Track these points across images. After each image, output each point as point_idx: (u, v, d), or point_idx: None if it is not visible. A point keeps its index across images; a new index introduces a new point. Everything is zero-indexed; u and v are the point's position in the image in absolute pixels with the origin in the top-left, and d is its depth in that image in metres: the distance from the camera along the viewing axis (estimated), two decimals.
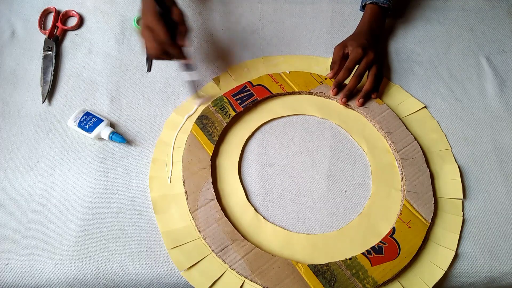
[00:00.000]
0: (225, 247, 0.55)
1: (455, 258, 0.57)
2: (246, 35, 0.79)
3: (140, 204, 0.60)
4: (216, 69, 0.74)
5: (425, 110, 0.71)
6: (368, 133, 0.68)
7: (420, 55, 0.78)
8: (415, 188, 0.61)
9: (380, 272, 0.54)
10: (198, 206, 0.58)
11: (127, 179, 0.62)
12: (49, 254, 0.55)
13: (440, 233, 0.59)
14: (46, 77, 0.70)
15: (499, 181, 0.64)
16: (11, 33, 0.76)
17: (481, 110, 0.72)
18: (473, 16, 0.85)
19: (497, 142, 0.68)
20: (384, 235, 0.58)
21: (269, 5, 0.84)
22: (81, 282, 0.54)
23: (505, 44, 0.81)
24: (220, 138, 0.65)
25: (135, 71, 0.73)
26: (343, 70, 0.69)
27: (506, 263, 0.58)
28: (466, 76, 0.76)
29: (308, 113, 0.69)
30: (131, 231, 0.58)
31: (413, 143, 0.65)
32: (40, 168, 0.62)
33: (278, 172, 0.64)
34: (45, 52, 0.73)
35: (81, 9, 0.79)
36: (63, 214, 0.58)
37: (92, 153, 0.64)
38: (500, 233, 0.60)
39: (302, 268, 0.54)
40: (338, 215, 0.60)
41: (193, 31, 0.77)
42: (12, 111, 0.67)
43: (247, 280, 0.54)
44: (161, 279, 0.55)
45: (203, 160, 0.62)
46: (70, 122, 0.65)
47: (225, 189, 0.61)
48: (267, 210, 0.60)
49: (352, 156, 0.66)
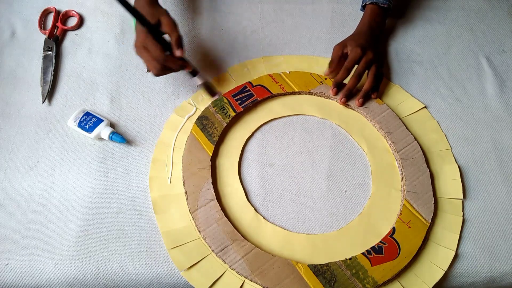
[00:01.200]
0: (225, 247, 0.55)
1: (455, 258, 0.57)
2: (246, 35, 0.79)
3: (140, 204, 0.60)
4: (216, 69, 0.74)
5: (425, 110, 0.71)
6: (368, 133, 0.68)
7: (420, 55, 0.78)
8: (415, 188, 0.61)
9: (380, 272, 0.54)
10: (198, 206, 0.58)
11: (127, 179, 0.62)
12: (49, 254, 0.55)
13: (440, 233, 0.59)
14: (46, 77, 0.70)
15: (499, 181, 0.64)
16: (11, 33, 0.76)
17: (481, 110, 0.72)
18: (473, 16, 0.85)
19: (497, 142, 0.68)
20: (384, 235, 0.58)
21: (269, 5, 0.84)
22: (81, 282, 0.54)
23: (505, 44, 0.81)
24: (220, 139, 0.65)
25: (135, 71, 0.73)
26: (342, 70, 0.69)
27: (506, 263, 0.58)
28: (466, 76, 0.76)
29: (308, 113, 0.69)
30: (131, 231, 0.58)
31: (413, 143, 0.65)
32: (40, 168, 0.62)
33: (278, 172, 0.64)
34: (45, 52, 0.73)
35: (81, 9, 0.79)
36: (63, 214, 0.58)
37: (92, 153, 0.64)
38: (500, 233, 0.60)
39: (302, 268, 0.54)
40: (338, 215, 0.60)
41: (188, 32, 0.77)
42: (12, 111, 0.67)
43: (247, 280, 0.54)
44: (161, 279, 0.55)
45: (203, 161, 0.62)
46: (70, 122, 0.65)
47: (225, 190, 0.61)
48: (267, 210, 0.60)
49: (352, 156, 0.66)
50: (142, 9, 0.61)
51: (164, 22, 0.61)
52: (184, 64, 0.63)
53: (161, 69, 0.61)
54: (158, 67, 0.61)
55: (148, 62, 0.61)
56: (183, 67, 0.63)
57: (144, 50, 0.60)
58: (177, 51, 0.60)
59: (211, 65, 0.74)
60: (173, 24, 0.61)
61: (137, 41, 0.62)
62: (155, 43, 0.60)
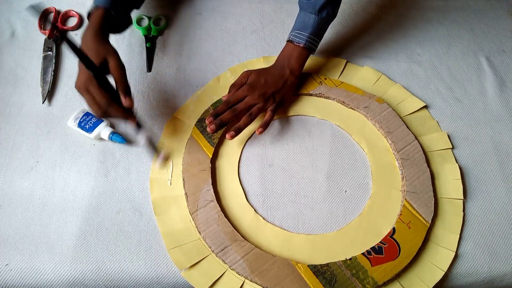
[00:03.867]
0: (225, 248, 0.55)
1: (455, 258, 0.57)
2: (246, 35, 0.79)
3: (140, 204, 0.60)
4: (216, 69, 0.74)
5: (425, 110, 0.70)
6: (368, 132, 0.68)
7: (420, 55, 0.78)
8: (415, 188, 0.61)
9: (380, 272, 0.54)
10: (198, 207, 0.58)
11: (127, 180, 0.62)
12: (49, 254, 0.55)
13: (440, 233, 0.58)
14: (46, 77, 0.70)
15: (499, 181, 0.64)
16: (11, 33, 0.76)
17: (481, 110, 0.72)
18: (473, 16, 0.85)
19: (497, 142, 0.68)
20: (384, 235, 0.58)
21: (269, 5, 0.84)
22: (81, 282, 0.54)
23: (505, 44, 0.81)
24: (220, 141, 0.65)
25: (135, 71, 0.73)
26: (229, 111, 0.63)
27: (506, 263, 0.58)
28: (466, 76, 0.76)
29: (307, 114, 0.69)
30: (131, 232, 0.58)
31: (413, 143, 0.65)
32: (40, 168, 0.62)
33: (278, 172, 0.64)
34: (45, 52, 0.73)
35: (81, 9, 0.79)
36: (63, 214, 0.58)
37: (92, 153, 0.64)
38: (500, 233, 0.60)
39: (302, 268, 0.54)
40: (338, 215, 0.60)
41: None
42: (12, 111, 0.67)
43: (247, 280, 0.54)
44: (161, 279, 0.55)
45: (203, 162, 0.62)
46: (70, 122, 0.65)
47: (225, 190, 0.61)
48: (267, 210, 0.60)
49: (352, 156, 0.66)
50: (87, 44, 0.56)
51: (111, 64, 0.56)
52: (128, 115, 0.58)
53: (103, 115, 0.56)
54: (100, 113, 0.56)
55: (90, 104, 0.56)
56: (126, 118, 0.58)
57: (86, 92, 0.55)
58: (126, 101, 0.56)
59: (211, 65, 0.74)
60: (120, 68, 0.56)
61: (79, 80, 0.56)
62: (98, 88, 0.55)
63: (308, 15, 0.67)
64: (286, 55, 0.69)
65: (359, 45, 0.79)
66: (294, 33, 0.68)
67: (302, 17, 0.68)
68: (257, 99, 0.64)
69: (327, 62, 0.75)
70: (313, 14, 0.67)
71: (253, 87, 0.65)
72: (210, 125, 0.63)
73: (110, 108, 0.55)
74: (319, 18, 0.67)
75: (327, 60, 0.75)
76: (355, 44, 0.79)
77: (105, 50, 0.57)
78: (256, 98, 0.64)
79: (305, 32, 0.67)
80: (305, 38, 0.67)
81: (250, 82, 0.65)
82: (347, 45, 0.79)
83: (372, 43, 0.79)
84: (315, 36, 0.68)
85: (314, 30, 0.67)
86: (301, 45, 0.67)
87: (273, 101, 0.66)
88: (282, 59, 0.69)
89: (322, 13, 0.66)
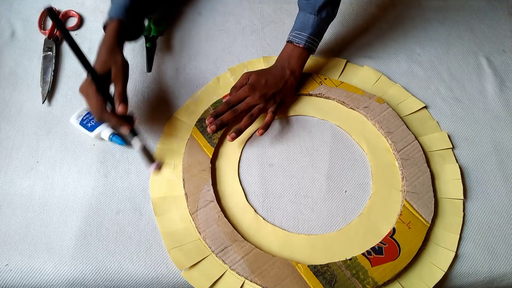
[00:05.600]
0: (225, 248, 0.55)
1: (455, 259, 0.57)
2: (246, 35, 0.79)
3: (140, 204, 0.60)
4: (216, 69, 0.74)
5: (425, 110, 0.70)
6: (368, 133, 0.68)
7: (420, 55, 0.78)
8: (415, 188, 0.61)
9: (380, 272, 0.54)
10: (198, 208, 0.58)
11: (127, 180, 0.62)
12: (49, 254, 0.55)
13: (440, 233, 0.58)
14: (46, 77, 0.70)
15: (499, 181, 0.64)
16: (11, 33, 0.76)
17: (481, 110, 0.72)
18: (473, 16, 0.85)
19: (497, 142, 0.68)
20: (384, 235, 0.58)
21: (269, 5, 0.84)
22: (81, 282, 0.54)
23: (505, 44, 0.81)
24: (220, 141, 0.65)
25: (135, 71, 0.73)
26: (230, 111, 0.64)
27: (506, 263, 0.58)
28: (466, 76, 0.76)
29: (308, 114, 0.69)
30: (131, 232, 0.58)
31: (413, 143, 0.65)
32: (40, 169, 0.62)
33: (278, 172, 0.64)
34: (45, 52, 0.73)
35: (81, 9, 0.79)
36: (63, 214, 0.58)
37: (92, 153, 0.64)
38: (500, 233, 0.60)
39: (302, 268, 0.54)
40: (338, 215, 0.60)
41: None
42: (12, 111, 0.67)
43: (247, 280, 0.54)
44: (161, 279, 0.55)
45: (203, 163, 0.62)
46: (72, 119, 0.65)
47: (225, 191, 0.61)
48: (267, 210, 0.60)
49: (352, 156, 0.66)
50: (100, 55, 0.58)
51: (112, 73, 0.58)
52: (122, 122, 0.57)
53: (98, 119, 0.58)
54: (96, 118, 0.58)
55: (89, 107, 0.58)
56: (120, 124, 0.57)
57: (85, 95, 0.57)
58: (119, 107, 0.56)
59: (211, 65, 0.74)
60: (120, 76, 0.58)
61: (83, 84, 0.58)
62: (96, 93, 0.56)
63: (307, 16, 0.67)
64: (286, 55, 0.69)
65: (359, 45, 0.79)
66: (293, 33, 0.68)
67: (302, 18, 0.68)
68: (258, 99, 0.64)
69: (327, 62, 0.75)
70: (312, 15, 0.67)
71: (254, 87, 0.65)
72: (211, 125, 0.63)
73: (103, 113, 0.56)
74: (318, 19, 0.67)
75: (327, 60, 0.75)
76: (355, 44, 0.79)
77: (112, 60, 0.58)
78: (257, 98, 0.64)
79: (304, 33, 0.67)
80: (305, 38, 0.67)
81: (251, 83, 0.65)
82: (347, 45, 0.79)
83: (372, 43, 0.79)
84: (315, 37, 0.68)
85: (313, 31, 0.67)
86: (301, 46, 0.67)
87: (273, 101, 0.66)
88: (282, 60, 0.69)
89: (322, 14, 0.66)
